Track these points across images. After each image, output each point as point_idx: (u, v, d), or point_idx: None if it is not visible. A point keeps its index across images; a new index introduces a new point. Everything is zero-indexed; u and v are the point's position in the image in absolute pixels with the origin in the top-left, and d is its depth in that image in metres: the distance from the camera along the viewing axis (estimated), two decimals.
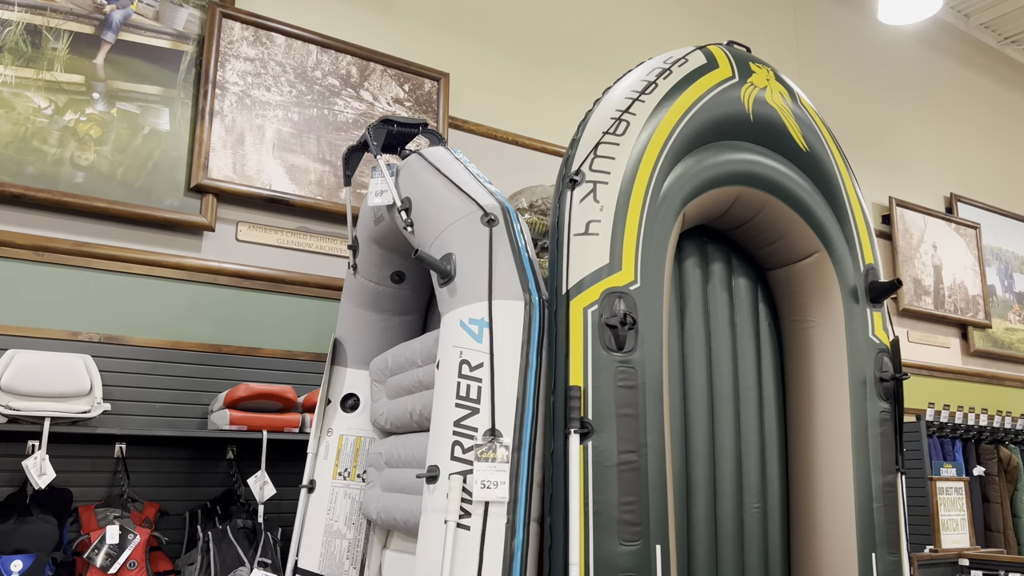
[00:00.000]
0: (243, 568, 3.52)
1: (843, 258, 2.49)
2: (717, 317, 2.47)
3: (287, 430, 3.87)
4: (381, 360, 2.73)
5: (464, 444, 2.04)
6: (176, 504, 3.83)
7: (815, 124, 2.53)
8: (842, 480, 2.36)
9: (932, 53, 7.37)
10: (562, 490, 2.01)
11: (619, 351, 2.04)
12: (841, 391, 2.42)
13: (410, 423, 2.55)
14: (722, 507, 2.33)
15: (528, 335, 2.11)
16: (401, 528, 2.46)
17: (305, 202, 4.14)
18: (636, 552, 1.96)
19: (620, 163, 2.15)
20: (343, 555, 2.64)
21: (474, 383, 2.07)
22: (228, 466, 3.93)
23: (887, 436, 2.45)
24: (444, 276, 2.19)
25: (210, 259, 3.98)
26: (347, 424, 2.77)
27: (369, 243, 2.73)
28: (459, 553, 1.95)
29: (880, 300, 2.52)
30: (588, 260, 2.10)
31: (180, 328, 3.95)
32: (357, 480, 2.72)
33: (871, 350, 2.47)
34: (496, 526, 1.99)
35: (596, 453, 2.00)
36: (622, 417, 2.02)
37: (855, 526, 2.32)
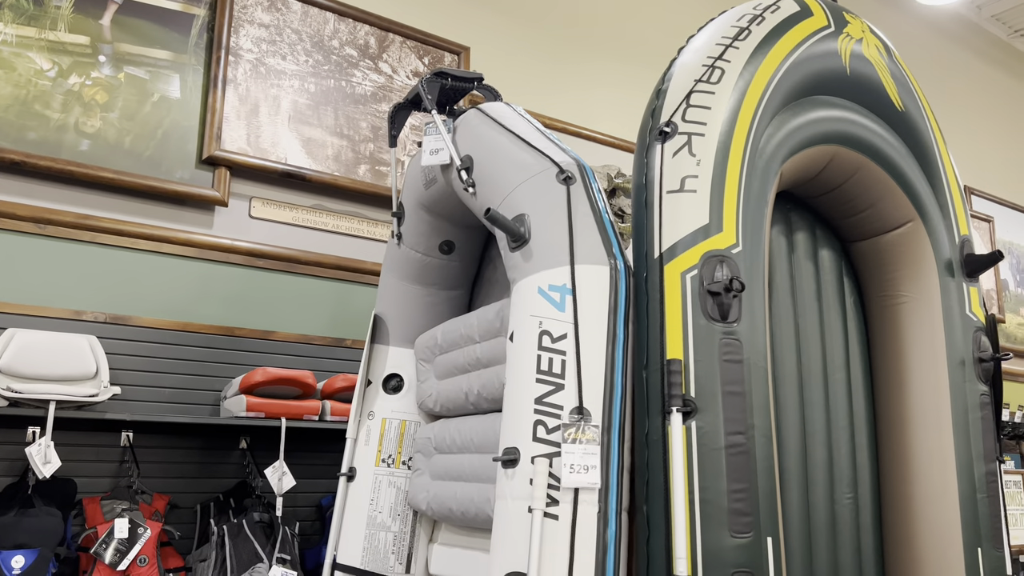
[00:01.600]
0: (261, 565, 3.27)
1: (938, 228, 2.30)
2: (803, 292, 2.27)
3: (306, 417, 3.63)
4: (429, 337, 2.50)
5: (548, 424, 1.82)
6: (186, 497, 3.57)
7: (910, 83, 2.34)
8: (943, 468, 2.16)
9: (946, 44, 7.26)
10: (661, 476, 1.80)
11: (723, 321, 1.83)
12: (939, 372, 2.23)
13: (464, 405, 2.33)
14: (814, 498, 2.13)
15: (615, 303, 1.89)
16: (457, 520, 2.23)
17: (322, 178, 3.89)
18: (748, 545, 1.75)
19: (717, 113, 1.94)
20: (388, 549, 2.41)
21: (557, 356, 1.85)
22: (241, 456, 3.68)
23: (987, 421, 2.26)
24: (517, 239, 1.97)
25: (222, 236, 3.72)
26: (390, 407, 2.54)
27: (417, 209, 2.50)
28: (547, 545, 1.73)
29: (977, 274, 2.33)
30: (684, 220, 1.88)
31: (190, 309, 3.69)
32: (403, 467, 2.49)
33: (969, 328, 2.28)
34: (587, 515, 1.77)
35: (701, 434, 1.78)
36: (728, 395, 1.81)
37: (959, 519, 2.12)
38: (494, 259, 2.63)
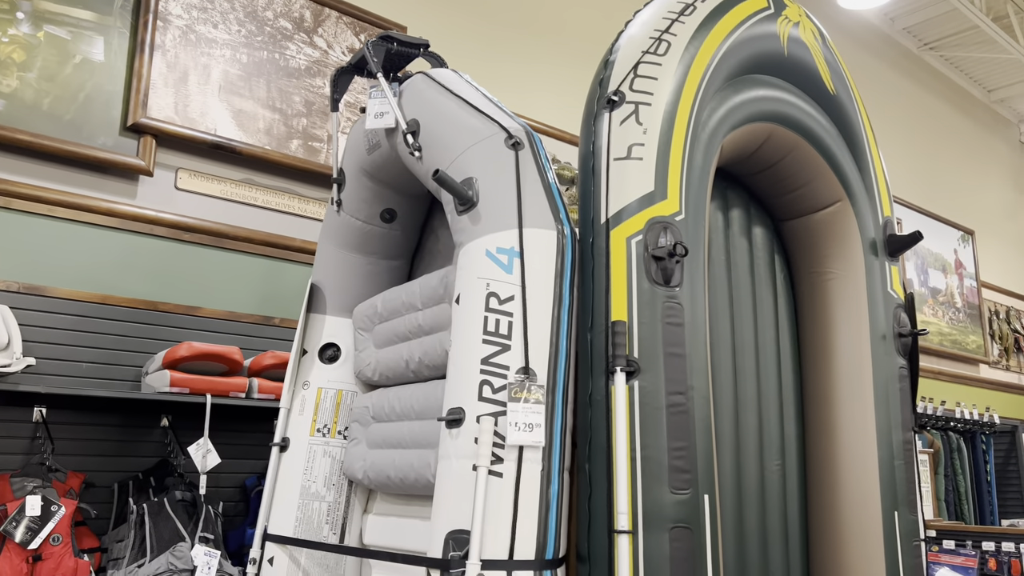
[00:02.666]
0: (183, 544, 3.17)
1: (864, 209, 2.41)
2: (738, 266, 2.34)
3: (233, 394, 3.53)
4: (368, 306, 2.47)
5: (494, 384, 1.83)
6: (104, 475, 3.43)
7: (842, 69, 2.44)
8: (865, 436, 2.27)
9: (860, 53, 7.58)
10: (604, 435, 1.83)
11: (666, 285, 1.87)
12: (862, 346, 2.33)
13: (405, 373, 2.31)
14: (745, 464, 2.20)
15: (561, 267, 1.91)
16: (395, 487, 2.21)
17: (253, 151, 3.79)
18: (687, 501, 1.79)
19: (664, 84, 1.99)
20: (321, 519, 2.37)
21: (504, 317, 1.85)
22: (163, 434, 3.55)
23: (905, 392, 2.38)
24: (465, 202, 1.97)
25: (146, 207, 3.59)
26: (326, 376, 2.50)
27: (359, 176, 2.46)
28: (491, 503, 1.74)
29: (899, 254, 2.45)
30: (630, 186, 1.92)
31: (111, 281, 3.54)
32: (338, 437, 2.45)
33: (890, 305, 2.40)
34: (531, 473, 1.78)
35: (643, 394, 1.82)
36: (670, 356, 1.85)
37: (879, 484, 2.23)
38: (436, 230, 2.62)
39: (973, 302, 8.25)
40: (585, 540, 1.83)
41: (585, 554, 1.82)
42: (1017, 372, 8.54)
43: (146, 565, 3.10)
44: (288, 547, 2.33)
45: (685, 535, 1.76)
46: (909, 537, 2.24)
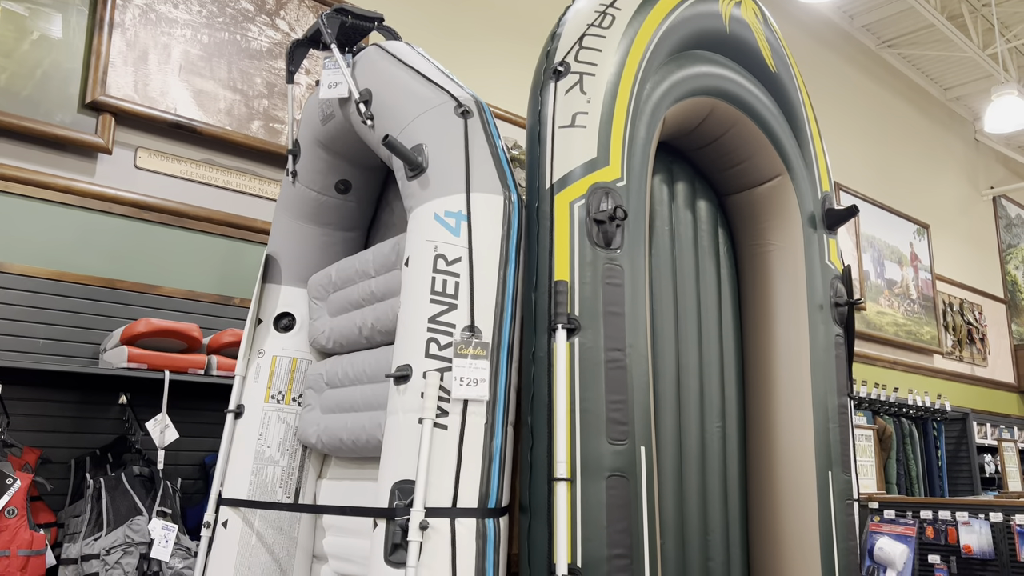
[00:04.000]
0: (140, 518, 3.19)
1: (803, 183, 2.50)
2: (682, 237, 2.42)
3: (191, 371, 3.55)
4: (323, 275, 2.51)
5: (441, 341, 1.89)
6: (60, 452, 3.43)
7: (783, 48, 2.54)
8: (801, 401, 2.36)
9: (820, 49, 7.74)
10: (545, 389, 1.89)
11: (607, 248, 1.95)
12: (800, 315, 2.43)
13: (358, 340, 2.36)
14: (686, 427, 2.28)
15: (508, 231, 1.98)
16: (347, 449, 2.26)
17: (213, 131, 3.81)
18: (623, 452, 1.87)
19: (608, 56, 2.06)
20: (275, 483, 2.41)
21: (451, 278, 1.91)
22: (121, 412, 3.56)
23: (841, 360, 2.48)
24: (414, 167, 2.02)
25: (105, 185, 3.60)
26: (281, 345, 2.54)
27: (313, 146, 2.51)
28: (436, 454, 1.79)
29: (836, 227, 2.55)
30: (574, 153, 1.99)
31: (69, 258, 3.54)
32: (292, 404, 2.49)
33: (827, 276, 2.49)
34: (475, 426, 1.85)
35: (583, 350, 1.89)
36: (609, 315, 1.92)
37: (813, 445, 2.32)
38: (391, 203, 2.67)
39: (928, 294, 8.46)
40: (527, 490, 1.90)
41: (527, 504, 1.89)
42: (970, 363, 8.78)
43: (102, 538, 3.11)
44: (242, 510, 2.37)
45: (621, 483, 1.84)
46: (842, 496, 2.34)
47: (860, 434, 4.55)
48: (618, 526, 1.81)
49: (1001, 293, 9.67)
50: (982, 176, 9.95)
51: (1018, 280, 10.23)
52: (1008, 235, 10.29)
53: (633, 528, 1.83)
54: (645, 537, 1.84)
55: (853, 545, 2.35)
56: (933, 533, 3.30)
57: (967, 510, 3.26)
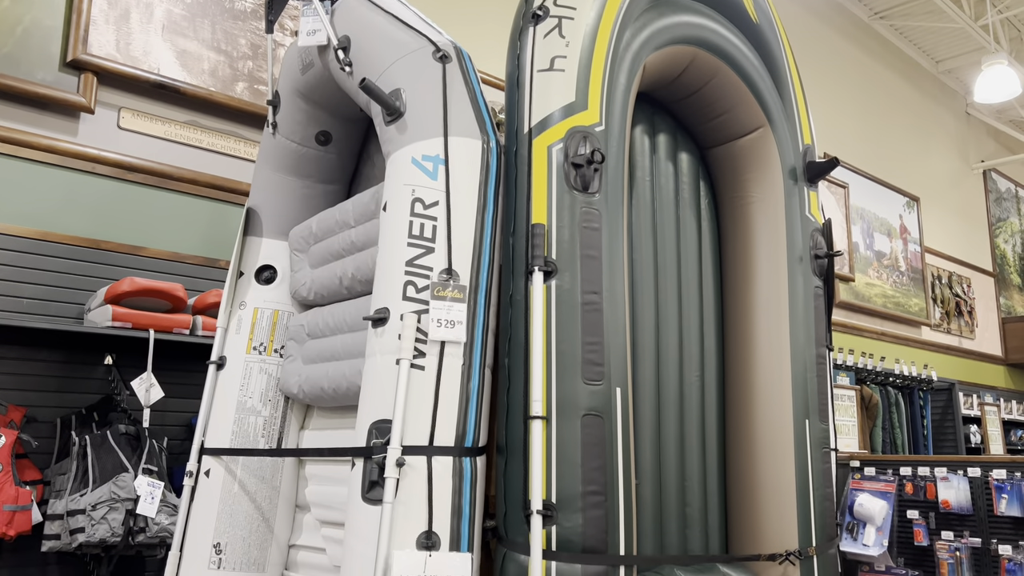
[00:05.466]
0: (126, 474, 3.20)
1: (784, 136, 2.50)
2: (662, 188, 2.43)
3: (176, 331, 3.55)
4: (304, 227, 2.51)
5: (418, 284, 1.89)
6: (46, 411, 3.44)
7: (765, 1, 2.53)
8: (780, 351, 2.38)
9: (812, 20, 7.71)
10: (522, 331, 1.90)
11: (584, 192, 1.95)
12: (779, 267, 2.44)
13: (339, 290, 2.36)
14: (665, 377, 2.30)
15: (486, 176, 1.98)
16: (328, 398, 2.27)
17: (197, 92, 3.78)
18: (599, 392, 1.88)
19: (587, 1, 2.05)
20: (257, 433, 2.42)
21: (428, 221, 1.92)
22: (106, 372, 3.56)
23: (820, 311, 2.49)
24: (392, 112, 2.02)
25: (87, 145, 3.57)
26: (263, 297, 2.54)
27: (293, 97, 2.50)
28: (413, 393, 1.81)
29: (817, 180, 2.56)
30: (552, 97, 1.98)
31: (52, 218, 3.53)
32: (274, 355, 2.50)
33: (808, 228, 2.50)
34: (452, 368, 1.86)
35: (560, 293, 1.90)
36: (586, 258, 1.93)
37: (791, 395, 2.34)
38: (372, 156, 2.66)
39: (917, 266, 8.49)
40: (503, 431, 1.91)
41: (503, 445, 1.91)
42: (957, 335, 8.83)
43: (88, 494, 3.13)
44: (224, 459, 2.38)
45: (596, 423, 1.85)
46: (819, 444, 2.37)
47: (842, 394, 4.58)
48: (593, 464, 1.83)
49: (990, 266, 9.71)
50: (972, 149, 9.96)
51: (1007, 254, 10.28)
52: (998, 209, 10.31)
53: (608, 466, 1.85)
54: (620, 475, 1.86)
55: (829, 492, 2.38)
56: (912, 489, 3.33)
57: (946, 466, 3.30)
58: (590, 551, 1.79)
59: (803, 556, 2.23)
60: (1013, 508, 3.08)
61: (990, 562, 3.14)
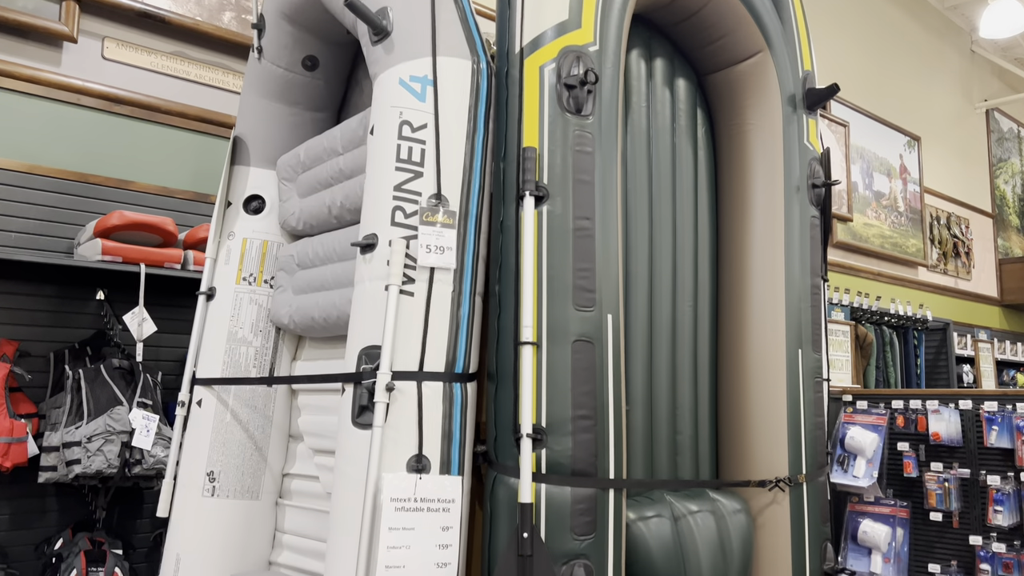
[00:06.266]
0: (120, 407, 3.21)
1: (784, 61, 2.44)
2: (659, 115, 2.37)
3: (168, 265, 3.52)
4: (292, 156, 2.46)
5: (406, 209, 1.86)
6: (38, 345, 3.43)
7: None
8: (774, 280, 2.36)
9: None
10: (513, 258, 1.88)
11: (577, 114, 1.90)
12: (776, 195, 2.40)
13: (328, 220, 2.32)
14: (658, 305, 2.28)
15: (476, 98, 1.92)
16: (319, 328, 2.26)
17: (183, 22, 3.68)
18: (589, 318, 1.86)
19: None
20: (249, 363, 2.41)
21: (417, 145, 1.87)
22: (99, 307, 3.55)
23: (816, 241, 2.46)
24: (379, 31, 1.95)
25: (71, 76, 3.49)
26: (251, 227, 2.50)
27: (279, 20, 2.42)
28: (402, 320, 1.79)
29: (816, 107, 2.50)
30: (545, 15, 1.92)
31: (38, 151, 3.47)
32: (264, 286, 2.48)
33: (805, 156, 2.46)
34: (442, 294, 1.84)
35: (551, 218, 1.86)
36: (578, 183, 1.89)
37: (784, 324, 2.33)
38: (361, 83, 2.60)
39: (915, 207, 8.43)
40: (494, 358, 1.90)
41: (494, 371, 1.90)
42: (954, 276, 8.82)
43: (83, 427, 3.14)
44: (216, 389, 2.38)
45: (587, 348, 1.84)
46: (812, 373, 2.36)
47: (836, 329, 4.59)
48: (583, 388, 1.82)
49: (989, 207, 9.66)
50: (976, 88, 9.81)
51: (1006, 195, 10.21)
52: (999, 149, 10.21)
53: (598, 391, 1.84)
54: (610, 400, 1.86)
55: (820, 421, 2.39)
56: (903, 422, 3.36)
57: (937, 399, 3.31)
58: (579, 474, 1.80)
59: (793, 483, 2.25)
60: (1003, 440, 3.10)
61: (978, 492, 3.17)
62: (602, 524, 1.81)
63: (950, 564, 3.23)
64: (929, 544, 3.29)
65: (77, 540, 3.18)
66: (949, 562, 3.24)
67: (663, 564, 1.97)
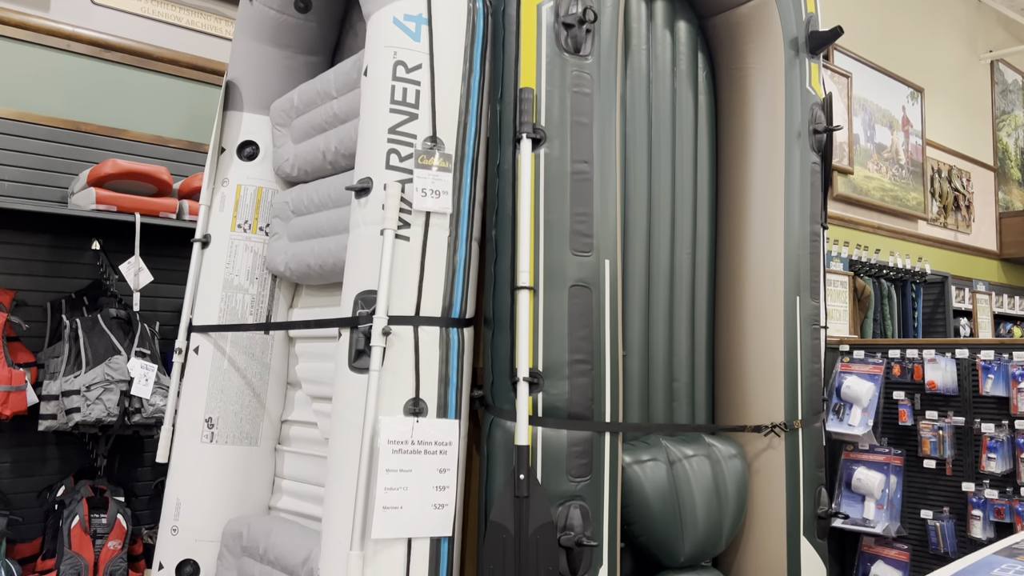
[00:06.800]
0: (119, 357, 3.22)
1: (786, 3, 2.39)
2: (659, 58, 2.33)
3: (163, 215, 3.50)
4: (285, 100, 2.42)
5: (402, 152, 1.83)
6: (35, 295, 3.42)
7: None
8: (773, 227, 2.34)
9: None
10: (510, 202, 1.86)
11: (575, 54, 1.86)
12: (776, 141, 2.37)
13: (323, 165, 2.30)
14: (656, 252, 2.27)
15: (472, 38, 1.88)
16: (315, 275, 2.25)
17: None
18: (587, 263, 1.85)
19: None
20: (246, 310, 2.41)
21: (411, 86, 1.84)
22: (94, 257, 3.53)
23: (816, 188, 2.44)
24: None
25: (61, 21, 3.42)
26: (245, 174, 2.47)
27: None
28: (398, 264, 1.78)
29: (819, 50, 2.46)
30: None
31: (28, 98, 3.42)
32: (260, 233, 2.46)
33: (807, 101, 2.42)
34: (438, 239, 1.82)
35: (549, 161, 1.84)
36: (576, 125, 1.86)
37: (783, 271, 2.32)
38: (355, 25, 2.54)
39: (917, 160, 8.36)
40: (491, 303, 1.89)
41: (490, 316, 1.89)
42: (953, 229, 8.79)
43: (81, 375, 3.15)
44: (213, 337, 2.38)
45: (584, 293, 1.83)
46: (809, 321, 2.36)
47: (835, 280, 4.59)
48: (580, 333, 1.82)
49: (991, 160, 9.59)
50: (981, 39, 9.66)
51: (1009, 148, 10.13)
52: (1003, 101, 10.10)
53: (595, 336, 1.84)
54: (607, 345, 1.85)
55: (817, 368, 2.39)
56: (900, 371, 3.37)
57: (935, 348, 3.32)
58: (576, 418, 1.81)
59: (788, 428, 2.26)
60: (998, 388, 3.12)
61: (972, 440, 3.20)
62: (598, 467, 1.82)
63: (942, 510, 3.28)
64: (922, 491, 3.33)
65: (79, 487, 3.21)
66: (941, 508, 3.28)
67: (658, 507, 1.99)
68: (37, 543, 3.25)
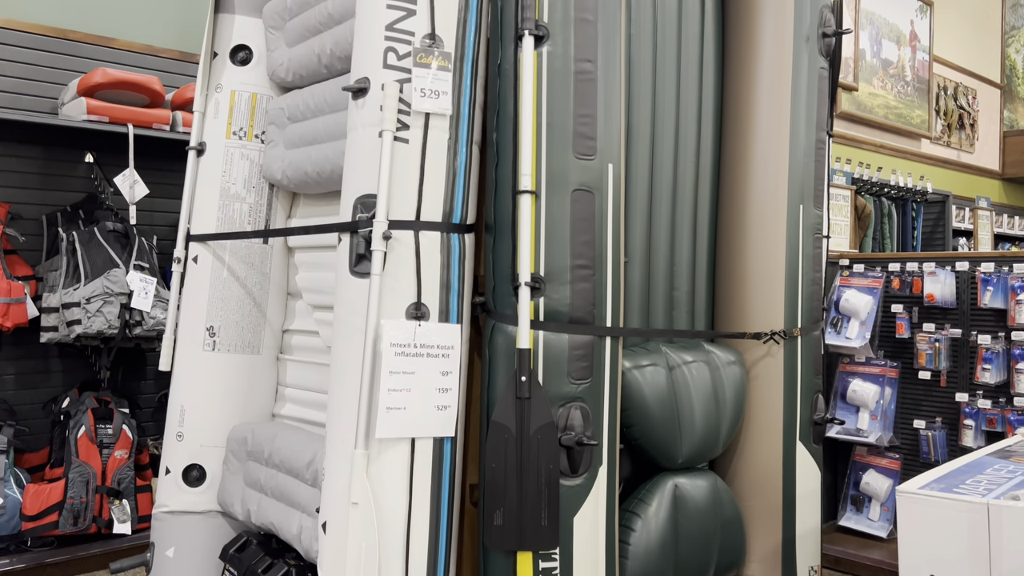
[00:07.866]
0: (117, 270, 3.21)
1: None
2: None
3: (156, 126, 3.44)
4: (278, 2, 2.34)
5: (399, 51, 1.78)
6: (30, 208, 3.39)
7: None
8: (779, 133, 2.30)
9: None
10: (511, 103, 1.81)
11: None
12: (784, 45, 2.31)
13: (318, 69, 2.24)
14: (660, 159, 2.23)
15: None
16: (313, 182, 2.22)
17: None
18: (590, 167, 1.82)
19: None
20: (243, 219, 2.39)
21: None
22: (88, 170, 3.49)
23: (823, 93, 2.39)
24: None
25: None
26: (239, 79, 2.41)
27: None
28: (397, 167, 1.75)
29: None
30: None
31: (13, 4, 3.31)
32: (255, 141, 2.42)
33: (816, 3, 2.35)
34: (438, 141, 1.79)
35: (551, 59, 1.79)
36: (580, 22, 1.80)
37: (787, 179, 2.29)
38: None
39: (923, 76, 8.19)
40: (492, 208, 1.87)
41: (491, 222, 1.88)
42: (957, 148, 8.69)
43: (81, 288, 3.15)
44: (211, 246, 2.36)
45: (587, 198, 1.81)
46: (812, 229, 2.35)
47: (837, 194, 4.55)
48: (582, 238, 1.80)
49: (998, 78, 9.41)
50: None
51: (1017, 64, 9.92)
52: (1013, 16, 9.84)
53: (597, 241, 1.82)
54: (609, 250, 1.84)
55: (818, 277, 2.39)
56: (899, 284, 3.37)
57: (935, 262, 3.32)
58: (577, 322, 1.81)
59: (787, 336, 2.27)
60: (997, 300, 3.13)
61: (968, 352, 3.23)
62: (598, 370, 1.83)
63: (935, 420, 3.33)
64: (916, 401, 3.38)
65: (84, 399, 3.25)
66: (934, 418, 3.34)
67: (657, 410, 2.01)
68: (44, 452, 3.31)
